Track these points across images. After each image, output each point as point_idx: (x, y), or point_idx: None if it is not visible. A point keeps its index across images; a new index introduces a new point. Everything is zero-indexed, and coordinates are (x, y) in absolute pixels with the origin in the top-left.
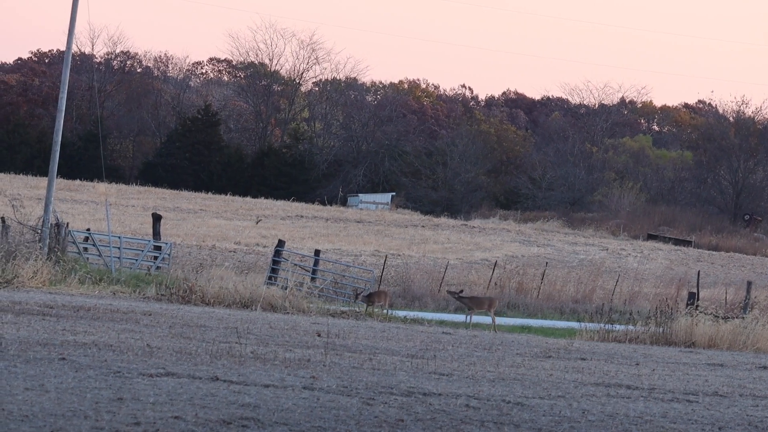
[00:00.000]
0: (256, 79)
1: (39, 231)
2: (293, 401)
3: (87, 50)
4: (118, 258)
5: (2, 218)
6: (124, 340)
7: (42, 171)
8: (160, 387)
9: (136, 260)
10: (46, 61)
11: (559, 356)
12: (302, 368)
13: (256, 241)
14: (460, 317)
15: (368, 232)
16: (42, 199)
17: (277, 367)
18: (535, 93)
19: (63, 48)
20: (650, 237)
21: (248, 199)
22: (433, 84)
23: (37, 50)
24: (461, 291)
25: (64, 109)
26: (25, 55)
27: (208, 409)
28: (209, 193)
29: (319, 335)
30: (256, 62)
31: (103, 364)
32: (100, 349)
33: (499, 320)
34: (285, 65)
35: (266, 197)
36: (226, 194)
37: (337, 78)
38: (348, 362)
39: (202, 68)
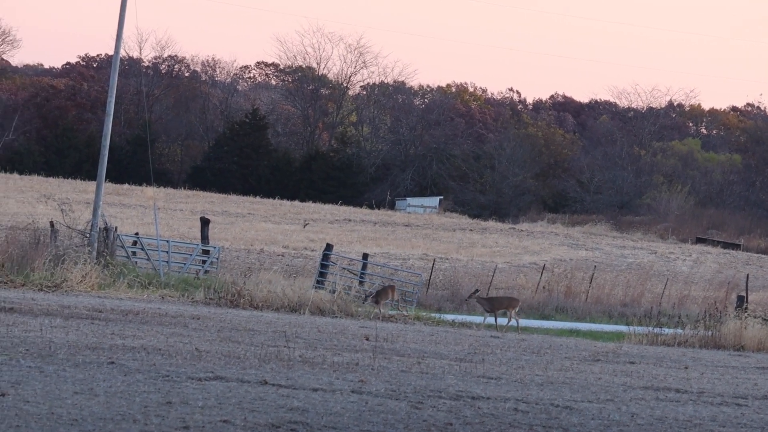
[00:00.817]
0: (303, 83)
1: (87, 235)
2: (342, 405)
3: (135, 54)
4: (167, 262)
5: (51, 222)
6: (172, 344)
7: (90, 175)
8: (209, 391)
9: (185, 264)
10: (95, 65)
11: (607, 360)
12: (351, 372)
13: (304, 245)
14: (512, 321)
15: (416, 236)
16: (90, 204)
17: (326, 371)
18: (582, 96)
19: (111, 52)
20: (699, 240)
21: (296, 202)
22: (480, 87)
23: (86, 55)
24: (476, 291)
25: (112, 113)
26: (74, 60)
27: (257, 413)
28: (257, 197)
29: (367, 339)
30: (304, 66)
31: (151, 368)
32: (149, 353)
33: (548, 324)
34: (332, 69)
35: (314, 201)
36: (274, 198)
37: (385, 82)
38: (396, 366)
39: (249, 72)
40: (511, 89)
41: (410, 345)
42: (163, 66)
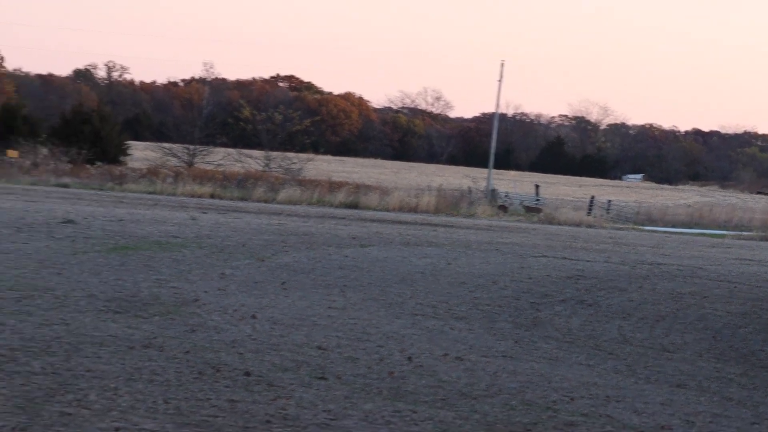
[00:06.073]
0: (581, 123)
1: (485, 192)
2: (599, 267)
3: (503, 111)
4: (520, 203)
5: (468, 187)
6: (522, 240)
7: (486, 165)
8: (540, 262)
9: (530, 205)
10: (486, 116)
11: (717, 246)
12: (603, 253)
13: (580, 196)
14: (675, 229)
15: (631, 192)
16: (485, 178)
17: (591, 253)
18: (707, 127)
19: (494, 110)
20: (758, 192)
21: (577, 177)
22: (657, 123)
23: (482, 111)
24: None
25: (495, 137)
26: (478, 114)
27: (560, 271)
28: (559, 175)
29: (611, 238)
30: (580, 116)
31: (513, 251)
32: (512, 245)
33: (690, 230)
34: (593, 115)
35: (586, 176)
36: (565, 175)
37: (615, 122)
38: (624, 250)
39: (553, 118)
40: (674, 126)
41: (630, 240)
42: (517, 116)
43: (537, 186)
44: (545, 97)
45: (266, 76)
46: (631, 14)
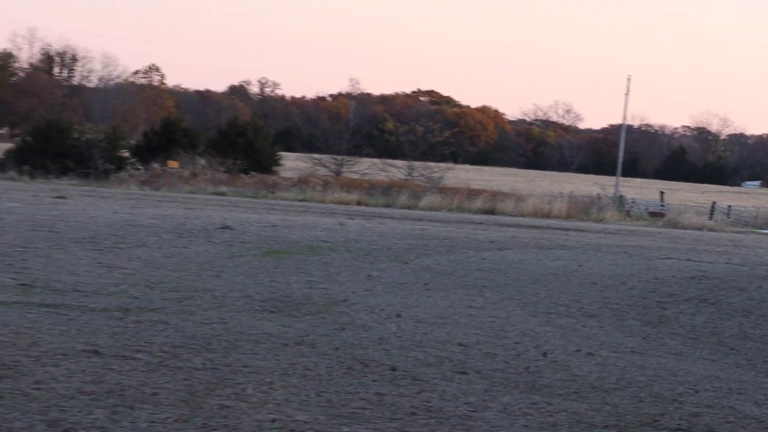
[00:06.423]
0: (702, 134)
1: (612, 199)
2: (720, 269)
3: (630, 123)
4: (646, 209)
5: (598, 194)
6: (648, 244)
7: (613, 173)
8: (665, 263)
9: (654, 210)
10: (613, 127)
11: None
12: (723, 255)
13: (701, 202)
14: None
15: (749, 198)
16: (613, 185)
17: (713, 255)
18: None
19: (621, 122)
20: None
21: (698, 184)
22: None
23: (610, 123)
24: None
25: (622, 147)
26: (606, 125)
27: (684, 272)
28: (682, 182)
29: (731, 241)
30: (701, 126)
31: (640, 253)
32: (639, 248)
33: None
34: (707, 125)
35: (708, 183)
36: (687, 182)
37: (739, 133)
38: (743, 252)
39: (676, 129)
40: None
41: (749, 243)
42: (643, 127)
43: (662, 192)
44: (669, 109)
45: (408, 91)
46: (748, 30)
